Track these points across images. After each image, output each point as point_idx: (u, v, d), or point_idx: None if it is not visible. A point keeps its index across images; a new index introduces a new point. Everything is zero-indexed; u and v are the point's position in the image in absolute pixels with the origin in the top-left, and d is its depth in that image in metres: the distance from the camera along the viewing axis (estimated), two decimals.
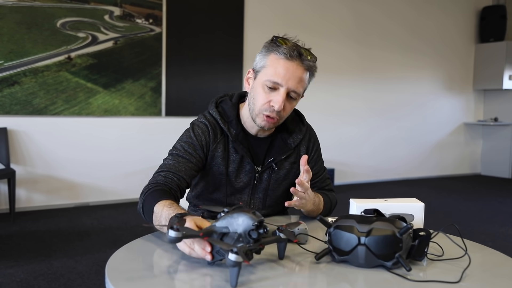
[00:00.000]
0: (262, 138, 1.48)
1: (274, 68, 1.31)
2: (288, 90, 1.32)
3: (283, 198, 1.52)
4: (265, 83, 1.33)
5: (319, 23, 5.82)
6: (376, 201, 1.23)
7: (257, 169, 1.46)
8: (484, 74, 7.17)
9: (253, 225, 0.95)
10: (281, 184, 1.50)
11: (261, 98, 1.34)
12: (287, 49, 1.29)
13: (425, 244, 1.03)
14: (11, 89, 4.18)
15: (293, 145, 1.48)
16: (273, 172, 1.47)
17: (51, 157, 4.39)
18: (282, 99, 1.31)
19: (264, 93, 1.34)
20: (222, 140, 1.44)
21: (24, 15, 4.19)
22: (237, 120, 1.45)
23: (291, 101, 1.35)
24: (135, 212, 5.11)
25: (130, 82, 4.70)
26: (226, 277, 0.92)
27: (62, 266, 2.86)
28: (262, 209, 1.50)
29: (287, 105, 1.35)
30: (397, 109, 6.60)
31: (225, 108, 1.48)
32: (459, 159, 7.31)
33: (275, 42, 1.33)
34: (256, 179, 1.47)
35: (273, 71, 1.31)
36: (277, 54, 1.30)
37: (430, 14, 6.77)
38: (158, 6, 4.79)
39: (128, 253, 1.09)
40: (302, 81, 1.33)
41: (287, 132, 1.49)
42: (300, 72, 1.31)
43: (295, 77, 1.30)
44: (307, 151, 1.53)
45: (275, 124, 1.40)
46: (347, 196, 1.40)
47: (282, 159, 1.47)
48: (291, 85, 1.31)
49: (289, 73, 1.30)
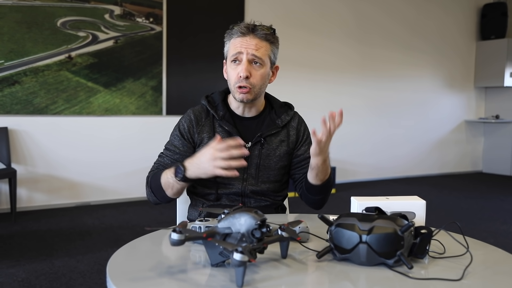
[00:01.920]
0: (250, 118, 1.57)
1: (234, 45, 1.47)
2: (249, 57, 1.45)
3: (276, 176, 1.56)
4: (230, 60, 1.49)
5: (319, 22, 5.81)
6: (377, 199, 1.23)
7: (247, 145, 1.53)
8: (486, 71, 7.15)
9: (256, 225, 0.95)
10: (272, 160, 1.55)
11: (231, 74, 1.49)
12: (239, 27, 1.47)
13: (427, 242, 1.03)
14: (12, 89, 4.18)
15: (281, 124, 1.57)
16: (263, 147, 1.54)
17: (52, 156, 4.40)
18: (245, 65, 1.44)
19: (233, 69, 1.48)
20: (208, 123, 1.55)
21: (24, 15, 4.19)
22: (223, 103, 1.57)
23: (258, 68, 1.47)
24: (136, 211, 5.07)
25: (130, 81, 4.70)
26: (230, 277, 0.92)
27: (63, 266, 2.87)
28: (255, 185, 1.53)
29: (254, 72, 1.46)
30: (398, 107, 6.60)
31: (213, 96, 1.61)
32: (460, 156, 7.31)
33: (231, 29, 1.50)
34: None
35: (233, 47, 1.48)
36: (233, 36, 1.48)
37: (431, 12, 6.76)
38: (158, 5, 4.79)
39: (129, 252, 1.09)
40: (260, 47, 1.46)
41: (275, 114, 1.59)
42: (256, 41, 1.46)
43: (251, 45, 1.45)
44: (297, 133, 1.60)
45: (251, 95, 1.48)
46: (348, 194, 1.40)
47: (271, 135, 1.55)
48: (250, 51, 1.45)
49: (245, 43, 1.45)
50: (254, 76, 1.46)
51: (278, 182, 1.57)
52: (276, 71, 1.58)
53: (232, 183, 1.51)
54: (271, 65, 1.53)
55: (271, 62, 1.52)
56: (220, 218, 1.01)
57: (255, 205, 1.54)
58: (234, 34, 1.48)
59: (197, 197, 1.57)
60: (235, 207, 1.02)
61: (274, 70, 1.56)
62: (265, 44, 1.47)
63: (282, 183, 1.60)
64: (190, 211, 1.61)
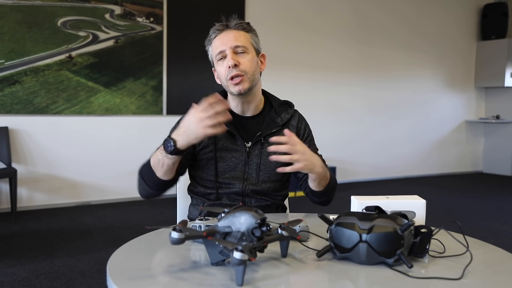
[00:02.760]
0: (250, 117, 1.58)
1: (215, 46, 1.52)
2: (232, 49, 1.47)
3: (277, 175, 1.55)
4: (216, 59, 1.52)
5: (320, 22, 5.81)
6: (377, 198, 1.23)
7: (247, 145, 1.53)
8: (486, 71, 7.15)
9: (256, 223, 0.95)
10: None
11: (221, 71, 1.51)
12: (215, 28, 1.52)
13: (427, 241, 1.03)
14: (12, 88, 4.18)
15: (281, 122, 1.57)
16: (263, 147, 1.53)
17: (52, 156, 4.40)
18: (230, 56, 1.46)
19: (220, 66, 1.51)
20: None
21: (24, 14, 4.19)
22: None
23: (244, 55, 1.49)
24: (137, 210, 5.06)
25: (131, 81, 4.70)
26: (230, 276, 0.92)
27: (63, 265, 2.87)
28: (256, 184, 1.53)
29: (241, 59, 1.48)
30: (399, 107, 6.60)
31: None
32: (460, 157, 7.30)
33: (208, 36, 1.55)
34: (246, 154, 1.53)
35: (215, 48, 1.52)
36: (211, 39, 1.53)
37: (431, 12, 6.76)
38: (159, 4, 4.79)
39: (129, 252, 1.09)
40: (239, 37, 1.49)
41: (275, 113, 1.59)
42: (233, 33, 1.49)
43: (229, 37, 1.49)
44: (297, 131, 1.60)
45: (247, 83, 1.48)
46: (348, 194, 1.40)
47: (270, 133, 1.54)
48: (231, 44, 1.47)
49: (224, 39, 1.49)
50: (243, 63, 1.47)
51: (278, 181, 1.57)
52: (264, 59, 1.59)
53: (233, 182, 1.51)
54: (257, 53, 1.53)
55: (256, 50, 1.53)
56: (220, 217, 1.01)
57: (255, 205, 1.54)
58: (211, 36, 1.53)
59: (198, 197, 1.58)
60: (235, 206, 1.02)
61: (262, 58, 1.57)
62: (243, 33, 1.50)
63: (283, 182, 1.60)
64: (190, 210, 1.62)
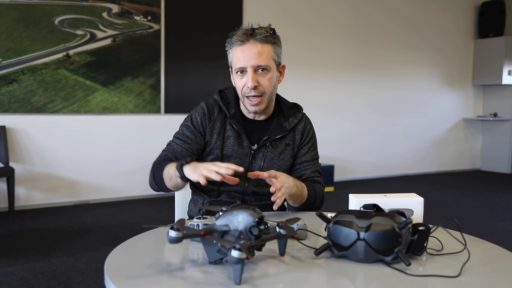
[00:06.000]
0: (259, 120, 1.58)
1: (236, 57, 1.48)
2: (253, 68, 1.45)
3: None
4: (235, 72, 1.50)
5: (317, 21, 5.81)
6: (375, 196, 1.23)
7: (253, 147, 1.53)
8: (484, 69, 7.16)
9: (254, 222, 0.95)
10: (275, 164, 1.56)
11: (238, 84, 1.50)
12: (238, 36, 1.46)
13: (425, 238, 1.03)
14: (10, 87, 4.17)
15: (288, 127, 1.57)
16: (267, 150, 1.54)
17: (50, 155, 4.39)
18: (251, 77, 1.45)
19: (239, 80, 1.50)
20: (220, 118, 1.56)
21: (21, 13, 4.18)
22: (235, 101, 1.58)
23: (265, 74, 1.47)
24: (135, 209, 5.05)
25: (129, 80, 4.69)
26: (228, 274, 0.92)
27: (61, 264, 2.87)
28: (257, 187, 1.54)
29: (261, 79, 1.47)
30: (396, 105, 6.60)
31: (226, 92, 1.62)
32: (458, 154, 7.31)
33: (230, 37, 1.50)
34: (251, 156, 1.54)
35: (236, 60, 1.48)
36: (234, 45, 1.48)
37: (429, 10, 6.76)
38: (156, 3, 4.78)
39: (127, 250, 1.09)
40: (262, 54, 1.45)
41: (283, 116, 1.59)
42: (257, 48, 1.45)
43: (253, 54, 1.44)
44: (302, 135, 1.61)
45: (264, 104, 1.50)
46: (346, 192, 1.40)
47: (277, 139, 1.56)
48: (253, 63, 1.45)
49: (246, 54, 1.45)
50: (262, 83, 1.47)
51: None
52: (283, 70, 1.57)
53: None
54: (277, 67, 1.52)
55: (277, 64, 1.51)
56: (218, 215, 1.01)
57: (255, 204, 1.54)
58: (234, 43, 1.48)
59: (199, 192, 1.58)
60: (233, 205, 1.02)
61: (281, 69, 1.56)
62: (267, 47, 1.46)
63: None
64: (190, 206, 1.63)
